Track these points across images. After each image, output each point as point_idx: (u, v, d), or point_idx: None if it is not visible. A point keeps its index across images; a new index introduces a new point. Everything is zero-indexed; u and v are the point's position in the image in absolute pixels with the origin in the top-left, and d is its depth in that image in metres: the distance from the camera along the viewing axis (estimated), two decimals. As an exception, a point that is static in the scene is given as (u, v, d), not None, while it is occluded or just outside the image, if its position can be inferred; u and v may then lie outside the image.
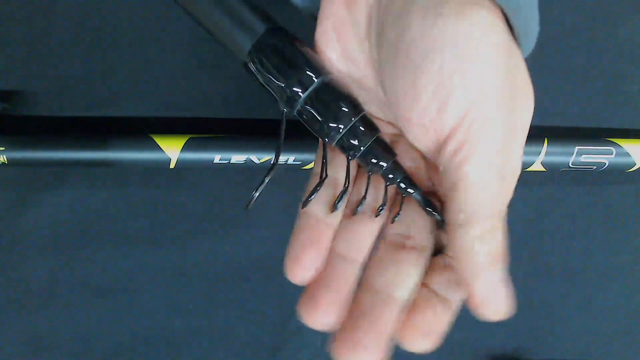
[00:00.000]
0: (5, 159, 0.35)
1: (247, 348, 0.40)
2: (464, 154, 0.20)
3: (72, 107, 0.38)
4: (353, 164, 0.26)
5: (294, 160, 0.36)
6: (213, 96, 0.38)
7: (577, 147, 0.37)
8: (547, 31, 0.39)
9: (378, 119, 0.25)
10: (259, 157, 0.36)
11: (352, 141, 0.24)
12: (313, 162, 0.37)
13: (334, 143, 0.24)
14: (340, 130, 0.23)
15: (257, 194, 0.23)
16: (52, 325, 0.39)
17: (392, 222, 0.25)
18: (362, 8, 0.22)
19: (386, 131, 0.25)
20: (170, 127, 0.38)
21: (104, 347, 0.40)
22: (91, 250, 0.39)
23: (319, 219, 0.24)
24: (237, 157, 0.36)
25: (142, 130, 0.37)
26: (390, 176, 0.24)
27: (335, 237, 0.24)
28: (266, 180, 0.24)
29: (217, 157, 0.36)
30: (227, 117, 0.38)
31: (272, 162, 0.24)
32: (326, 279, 0.23)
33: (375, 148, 0.24)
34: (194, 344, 0.40)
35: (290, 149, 0.36)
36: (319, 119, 0.23)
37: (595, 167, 0.38)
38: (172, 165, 0.36)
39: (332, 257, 0.24)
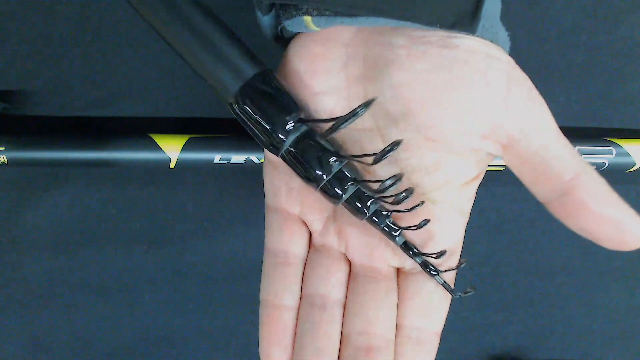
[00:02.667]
0: (5, 159, 0.35)
1: (247, 348, 0.40)
2: (537, 131, 0.22)
3: (72, 107, 0.38)
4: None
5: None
6: (213, 96, 0.38)
7: (577, 147, 0.37)
8: (547, 30, 0.39)
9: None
10: (258, 157, 0.36)
11: (335, 188, 0.24)
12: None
13: (317, 188, 0.24)
14: (324, 177, 0.23)
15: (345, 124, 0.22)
16: (52, 325, 0.39)
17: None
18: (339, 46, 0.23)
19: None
20: (170, 127, 0.38)
21: (104, 347, 0.40)
22: (91, 250, 0.39)
23: (278, 307, 0.25)
24: (237, 157, 0.36)
25: (142, 130, 0.37)
26: (375, 220, 0.25)
27: (307, 340, 0.24)
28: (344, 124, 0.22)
29: (217, 157, 0.36)
30: (227, 117, 0.38)
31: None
32: None
33: (359, 194, 0.24)
34: (194, 344, 0.40)
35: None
36: (304, 164, 0.23)
37: (595, 167, 0.38)
38: (172, 165, 0.36)
39: None
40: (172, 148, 0.36)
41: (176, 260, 0.39)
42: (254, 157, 0.36)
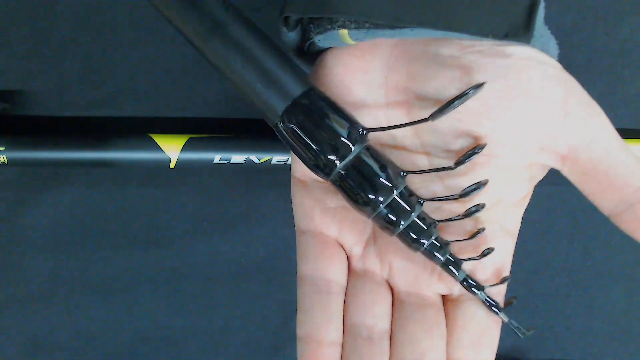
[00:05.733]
0: (5, 159, 0.35)
1: (247, 348, 0.40)
2: (602, 148, 0.21)
3: (72, 107, 0.38)
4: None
5: (294, 160, 0.36)
6: (213, 96, 0.38)
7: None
8: (547, 31, 0.39)
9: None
10: (259, 157, 0.36)
11: (391, 215, 0.22)
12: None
13: (371, 217, 0.22)
14: (380, 204, 0.21)
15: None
16: (52, 325, 0.39)
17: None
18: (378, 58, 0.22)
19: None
20: (170, 127, 0.38)
21: (104, 347, 0.40)
22: (91, 250, 0.39)
23: (321, 343, 0.23)
24: (237, 157, 0.36)
25: (142, 130, 0.37)
26: (433, 254, 0.23)
27: None
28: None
29: (217, 157, 0.36)
30: (227, 117, 0.38)
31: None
32: None
33: (417, 223, 0.22)
34: (194, 344, 0.40)
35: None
36: (357, 190, 0.21)
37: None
38: (172, 165, 0.36)
39: None
40: (172, 148, 0.36)
41: (176, 260, 0.39)
42: (254, 157, 0.36)
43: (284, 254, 0.40)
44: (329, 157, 0.21)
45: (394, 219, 0.22)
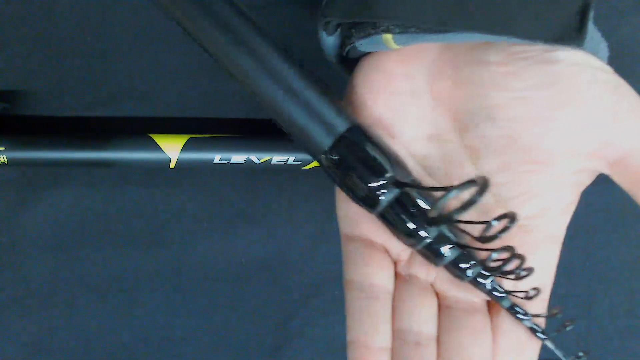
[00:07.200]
0: (5, 159, 0.35)
1: (247, 348, 0.40)
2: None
3: (72, 107, 0.38)
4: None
5: (294, 160, 0.36)
6: (213, 96, 0.38)
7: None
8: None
9: None
10: (259, 157, 0.36)
11: (436, 247, 0.22)
12: (312, 165, 0.37)
13: (417, 248, 0.22)
14: (427, 237, 0.22)
15: None
16: (52, 325, 0.39)
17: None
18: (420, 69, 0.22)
19: None
20: (170, 127, 0.38)
21: (104, 347, 0.40)
22: (91, 250, 0.39)
23: (371, 349, 0.22)
24: (237, 157, 0.36)
25: (142, 130, 0.37)
26: (480, 282, 0.23)
27: None
28: None
29: (217, 157, 0.36)
30: (227, 117, 0.38)
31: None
32: None
33: (464, 255, 0.22)
34: (194, 344, 0.40)
35: (290, 149, 0.36)
36: (401, 224, 0.22)
37: (595, 167, 0.38)
38: (172, 165, 0.36)
39: None
40: (172, 148, 0.36)
41: (176, 260, 0.39)
42: (254, 157, 0.36)
43: (284, 254, 0.40)
44: (373, 192, 0.21)
45: (440, 249, 0.22)
